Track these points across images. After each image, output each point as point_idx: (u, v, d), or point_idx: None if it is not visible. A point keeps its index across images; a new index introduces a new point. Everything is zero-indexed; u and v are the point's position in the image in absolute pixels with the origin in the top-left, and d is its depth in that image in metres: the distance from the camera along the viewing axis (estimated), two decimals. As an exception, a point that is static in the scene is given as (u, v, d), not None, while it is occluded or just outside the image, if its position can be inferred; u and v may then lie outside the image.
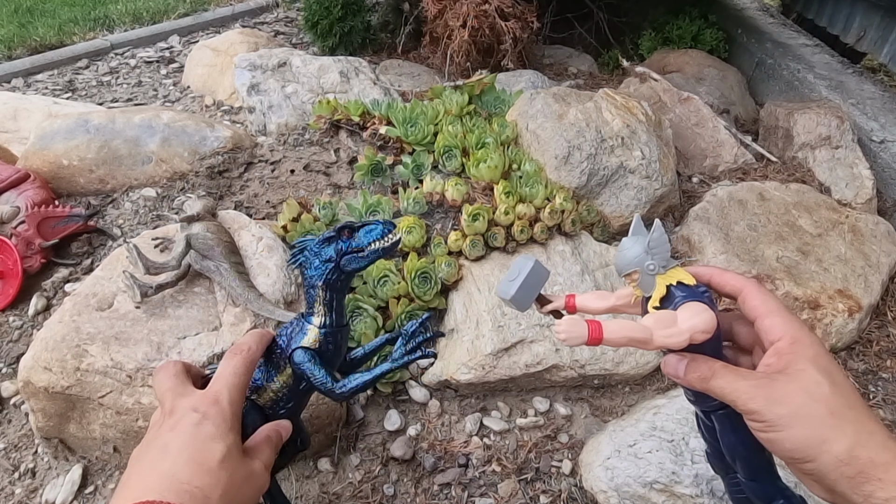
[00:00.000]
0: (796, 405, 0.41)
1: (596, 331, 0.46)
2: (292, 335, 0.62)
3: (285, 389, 0.63)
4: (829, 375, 0.43)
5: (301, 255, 0.62)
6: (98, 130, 1.38)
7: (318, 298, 0.62)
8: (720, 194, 1.44)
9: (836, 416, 0.41)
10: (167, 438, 0.48)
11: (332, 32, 2.11)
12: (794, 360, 0.44)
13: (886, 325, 1.28)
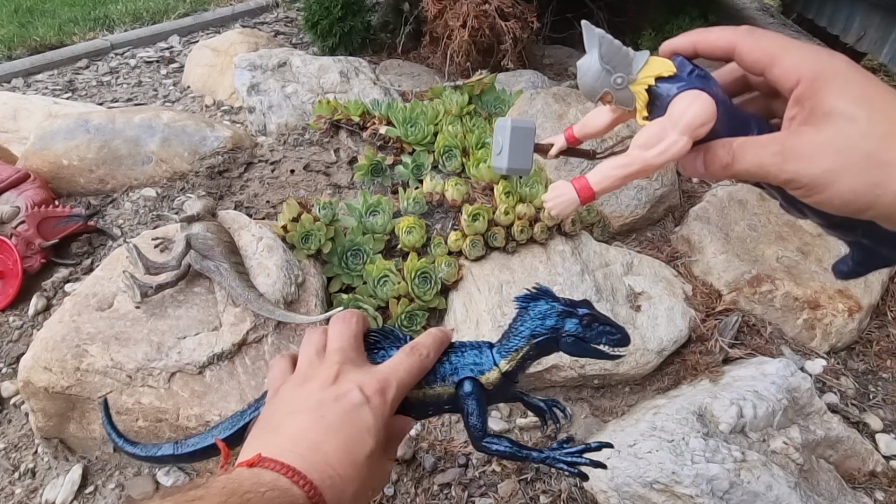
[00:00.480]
0: (831, 157, 0.34)
1: (584, 188, 0.41)
2: (470, 360, 0.61)
3: (436, 399, 0.61)
4: (863, 103, 0.34)
5: (535, 301, 0.61)
6: (98, 130, 1.38)
7: (519, 348, 0.60)
8: (720, 194, 1.44)
9: (881, 151, 0.33)
10: (328, 409, 0.45)
11: (332, 32, 2.11)
12: (817, 103, 0.35)
13: (886, 325, 1.28)
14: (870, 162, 0.33)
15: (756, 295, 1.22)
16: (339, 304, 1.07)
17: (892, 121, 0.33)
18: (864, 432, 1.08)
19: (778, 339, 1.20)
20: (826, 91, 0.35)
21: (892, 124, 0.33)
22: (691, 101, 0.38)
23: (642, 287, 1.18)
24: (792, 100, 0.37)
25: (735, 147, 0.38)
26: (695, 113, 0.37)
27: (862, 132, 0.33)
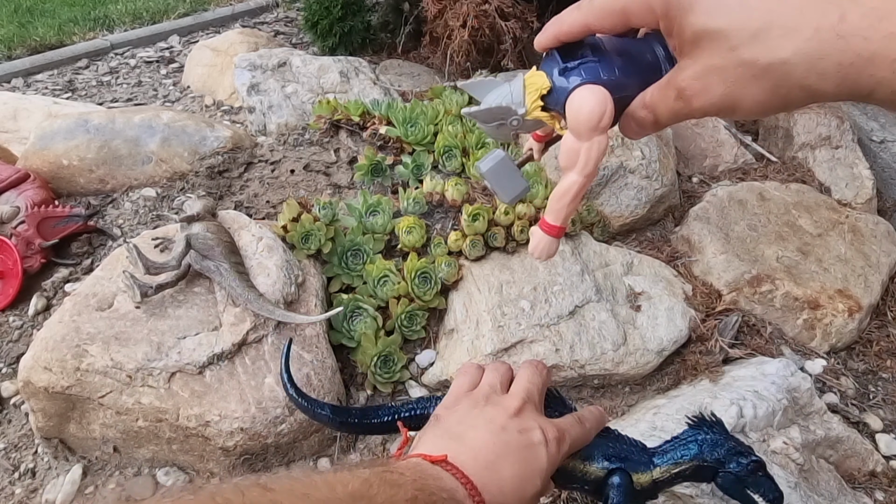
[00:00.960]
0: (719, 82, 0.32)
1: (550, 228, 0.42)
2: (629, 454, 0.64)
3: (583, 476, 0.63)
4: (720, 12, 0.31)
5: (708, 427, 0.64)
6: (98, 130, 1.38)
7: (679, 463, 0.63)
8: (720, 194, 1.44)
9: (758, 55, 0.30)
10: (512, 437, 0.46)
11: (332, 32, 2.11)
12: (681, 33, 0.33)
13: (886, 325, 1.28)
14: (754, 70, 0.31)
15: (756, 295, 1.22)
16: (339, 304, 1.07)
17: (756, 16, 0.30)
18: (864, 432, 1.08)
19: (778, 339, 1.20)
20: (682, 17, 0.32)
21: (757, 20, 0.30)
22: (578, 106, 0.37)
23: (642, 287, 1.18)
24: (664, 35, 0.35)
25: (648, 103, 0.37)
26: (587, 115, 0.37)
27: (731, 45, 0.31)
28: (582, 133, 0.37)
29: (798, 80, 0.30)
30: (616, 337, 1.08)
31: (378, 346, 1.04)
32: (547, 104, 0.40)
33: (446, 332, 1.12)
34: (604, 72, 0.38)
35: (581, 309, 1.11)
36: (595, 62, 0.38)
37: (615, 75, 0.38)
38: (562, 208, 0.40)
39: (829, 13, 0.28)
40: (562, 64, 0.39)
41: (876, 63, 0.28)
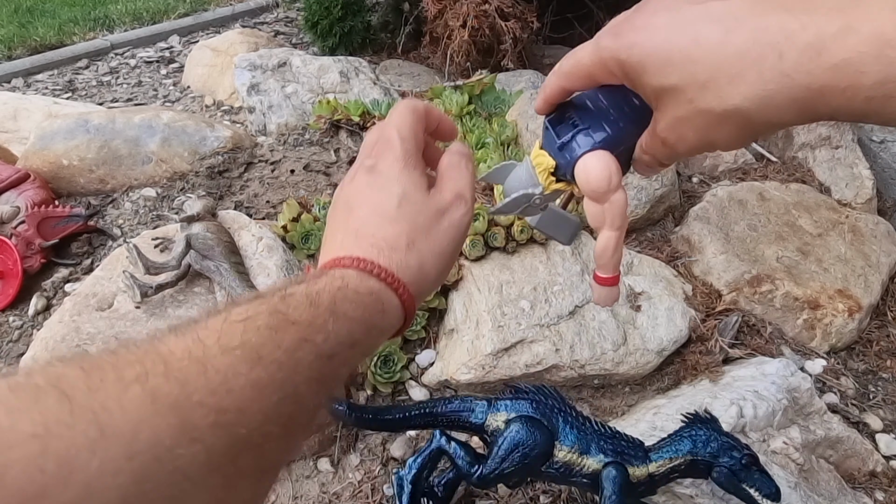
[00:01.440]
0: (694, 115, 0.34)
1: (606, 280, 0.43)
2: (624, 449, 0.67)
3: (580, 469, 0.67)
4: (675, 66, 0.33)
5: (702, 424, 0.67)
6: (98, 130, 1.38)
7: (674, 458, 0.67)
8: (720, 194, 1.44)
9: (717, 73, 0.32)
10: (347, 193, 0.42)
11: (332, 32, 2.11)
12: (643, 87, 0.35)
13: (886, 325, 1.28)
14: (714, 118, 0.33)
15: (756, 295, 1.22)
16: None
17: (701, 69, 0.32)
18: (864, 432, 1.08)
19: (778, 339, 1.20)
20: (638, 79, 0.35)
21: (703, 72, 0.32)
22: (585, 176, 0.39)
23: (642, 287, 1.18)
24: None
25: (645, 150, 0.39)
26: (596, 182, 0.38)
27: (688, 97, 0.33)
28: (598, 197, 0.39)
29: (758, 118, 0.32)
30: (616, 337, 1.08)
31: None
32: (558, 177, 0.42)
33: (446, 332, 1.12)
34: (596, 135, 0.39)
35: (581, 309, 1.11)
36: (586, 129, 0.40)
37: (609, 133, 0.39)
38: (608, 261, 0.42)
39: (767, 55, 0.30)
40: (557, 140, 0.41)
41: (827, 94, 0.29)
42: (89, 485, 0.20)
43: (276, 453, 0.28)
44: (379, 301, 0.35)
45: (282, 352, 0.28)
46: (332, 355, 0.31)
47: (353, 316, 0.33)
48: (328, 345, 0.30)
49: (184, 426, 0.23)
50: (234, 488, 0.26)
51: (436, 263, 0.39)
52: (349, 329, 0.32)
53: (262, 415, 0.26)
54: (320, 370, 0.30)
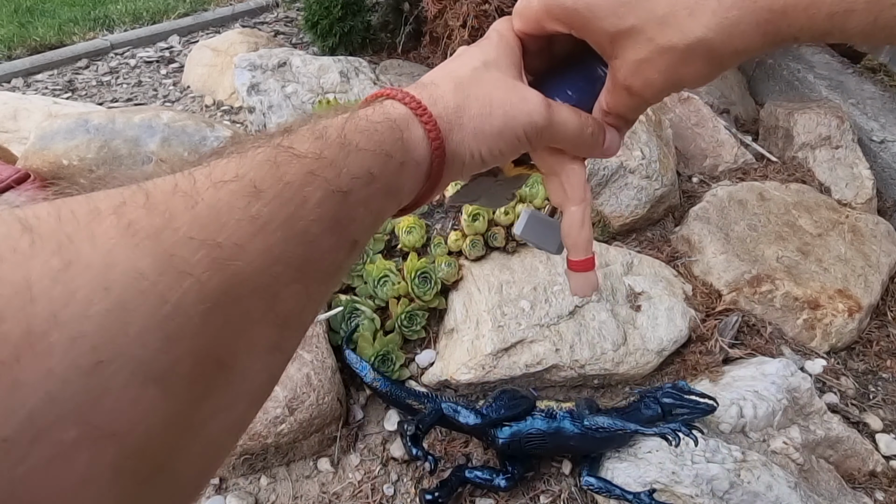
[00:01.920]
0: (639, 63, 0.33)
1: (581, 263, 0.41)
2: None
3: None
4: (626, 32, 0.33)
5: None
6: (98, 130, 1.38)
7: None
8: (720, 194, 1.44)
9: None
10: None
11: (332, 32, 2.11)
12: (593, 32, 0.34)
13: (886, 325, 1.28)
14: (678, 54, 0.32)
15: (756, 295, 1.22)
16: (339, 304, 1.07)
17: (659, 4, 0.31)
18: (864, 432, 1.08)
19: (778, 339, 1.20)
20: (592, 25, 0.33)
21: (661, 7, 0.31)
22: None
23: (642, 287, 1.18)
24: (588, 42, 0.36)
25: (607, 109, 0.37)
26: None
27: (647, 37, 0.32)
28: (554, 169, 0.39)
29: (723, 48, 0.31)
30: (616, 337, 1.08)
31: (376, 346, 1.04)
32: (518, 159, 0.40)
33: (446, 332, 1.12)
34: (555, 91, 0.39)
35: (581, 309, 1.11)
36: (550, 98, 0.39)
37: (571, 100, 0.38)
38: (577, 240, 0.40)
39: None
40: None
41: (790, 14, 0.29)
42: (56, 314, 0.17)
43: (294, 301, 0.25)
44: (396, 128, 0.31)
45: (283, 185, 0.24)
46: (346, 191, 0.27)
47: (364, 147, 0.29)
48: (341, 180, 0.27)
49: (169, 259, 0.20)
50: (246, 333, 0.22)
51: (480, 123, 0.33)
52: (362, 161, 0.28)
53: (265, 254, 0.23)
54: (334, 209, 0.26)
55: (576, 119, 0.37)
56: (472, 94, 0.34)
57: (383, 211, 0.31)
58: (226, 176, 0.23)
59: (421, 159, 0.32)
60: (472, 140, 0.33)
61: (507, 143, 0.34)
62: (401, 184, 0.31)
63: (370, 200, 0.29)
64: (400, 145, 0.30)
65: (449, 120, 0.33)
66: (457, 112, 0.33)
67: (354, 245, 0.29)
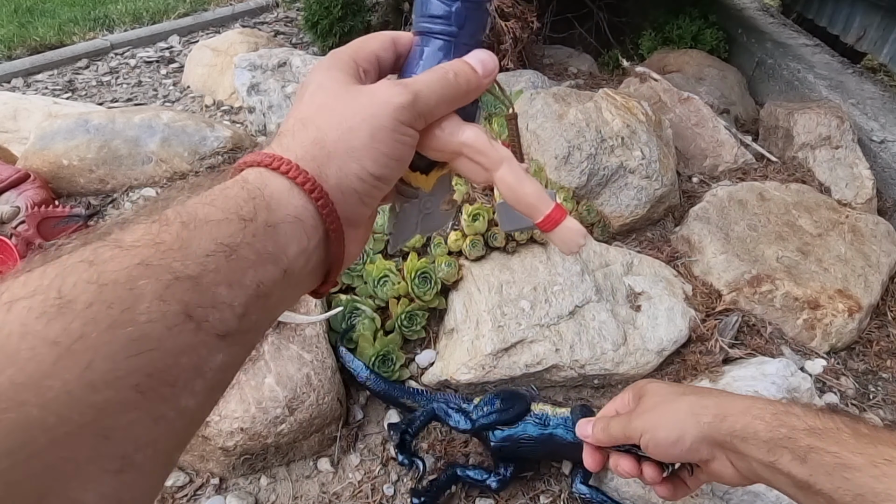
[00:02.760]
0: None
1: (550, 218, 0.36)
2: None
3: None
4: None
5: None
6: (98, 130, 1.38)
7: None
8: (720, 194, 1.44)
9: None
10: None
11: (332, 32, 2.11)
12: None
13: (886, 325, 1.28)
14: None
15: (756, 295, 1.22)
16: (339, 304, 1.07)
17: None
18: (864, 432, 1.08)
19: (778, 339, 1.20)
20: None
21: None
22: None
23: (642, 287, 1.18)
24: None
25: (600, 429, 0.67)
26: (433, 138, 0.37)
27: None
28: (449, 151, 0.36)
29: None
30: (616, 337, 1.08)
31: (376, 346, 1.04)
32: (421, 167, 0.38)
33: (446, 332, 1.12)
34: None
35: (581, 309, 1.11)
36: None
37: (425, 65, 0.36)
38: (524, 201, 0.36)
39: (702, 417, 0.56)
40: None
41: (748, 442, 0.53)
42: None
43: (138, 432, 0.20)
44: (249, 188, 0.27)
45: (100, 287, 0.20)
46: (196, 275, 0.23)
47: (213, 218, 0.25)
48: (187, 263, 0.23)
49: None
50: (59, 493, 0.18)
51: (346, 143, 0.30)
52: (212, 234, 0.25)
53: (76, 384, 0.18)
54: (181, 298, 0.22)
55: (435, 74, 0.34)
56: (322, 121, 0.31)
57: (265, 282, 0.26)
58: (20, 293, 0.19)
59: (299, 211, 0.28)
60: (350, 162, 0.30)
61: (387, 145, 0.31)
62: (277, 246, 0.27)
63: (235, 275, 0.25)
64: (257, 204, 0.27)
65: (314, 157, 0.30)
66: (316, 146, 0.30)
67: (226, 338, 0.24)
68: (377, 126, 0.31)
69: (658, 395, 0.60)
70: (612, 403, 0.68)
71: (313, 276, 0.31)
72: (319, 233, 0.29)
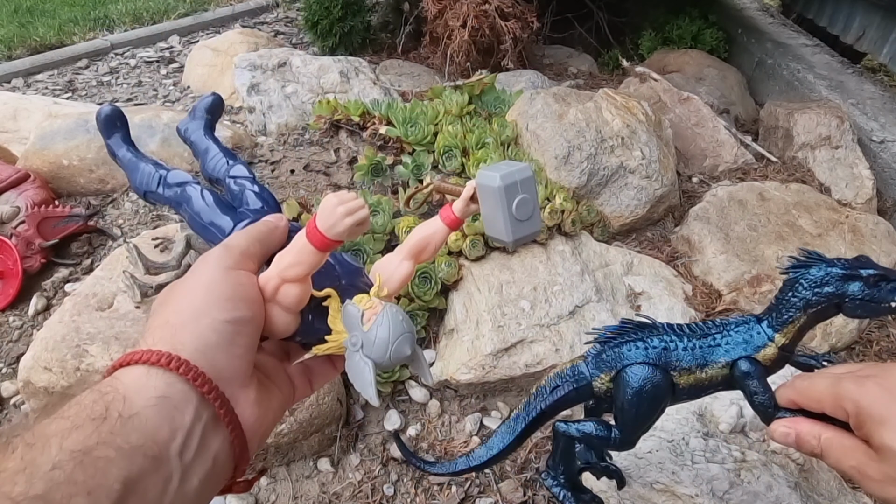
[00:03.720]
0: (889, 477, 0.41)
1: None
2: (740, 338, 0.58)
3: (710, 382, 0.60)
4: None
5: (806, 268, 0.55)
6: (98, 131, 1.38)
7: (795, 320, 0.56)
8: (720, 194, 1.44)
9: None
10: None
11: (332, 32, 2.11)
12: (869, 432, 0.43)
13: (886, 325, 1.28)
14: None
15: (756, 295, 1.22)
16: (339, 304, 1.07)
17: None
18: (864, 432, 1.08)
19: (778, 339, 1.20)
20: (874, 428, 0.40)
21: None
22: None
23: (642, 287, 1.18)
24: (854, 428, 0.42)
25: (847, 458, 0.43)
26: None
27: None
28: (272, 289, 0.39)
29: None
30: (616, 337, 1.08)
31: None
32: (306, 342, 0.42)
33: (446, 332, 1.12)
34: None
35: (581, 309, 1.11)
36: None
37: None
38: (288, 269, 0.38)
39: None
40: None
41: None
42: None
43: None
44: (102, 388, 0.27)
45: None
46: (43, 492, 0.22)
47: (64, 428, 0.25)
48: (34, 481, 0.22)
49: None
50: None
51: (191, 306, 0.33)
52: (64, 444, 0.24)
53: None
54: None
55: (244, 229, 0.42)
56: (169, 305, 0.34)
57: (134, 476, 0.25)
58: None
59: (162, 390, 0.28)
60: (201, 320, 0.32)
61: (225, 290, 0.34)
62: (143, 434, 0.26)
63: (95, 479, 0.24)
64: (110, 401, 0.26)
65: (163, 337, 0.31)
66: (166, 326, 0.32)
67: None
68: (211, 279, 0.34)
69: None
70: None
71: (219, 460, 0.30)
72: (194, 403, 0.29)
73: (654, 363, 0.61)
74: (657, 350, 0.61)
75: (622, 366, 0.62)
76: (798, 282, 0.55)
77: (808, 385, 0.46)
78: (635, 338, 0.62)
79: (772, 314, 0.57)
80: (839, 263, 0.54)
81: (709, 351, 0.59)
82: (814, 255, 0.55)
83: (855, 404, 0.41)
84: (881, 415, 0.39)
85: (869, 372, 0.42)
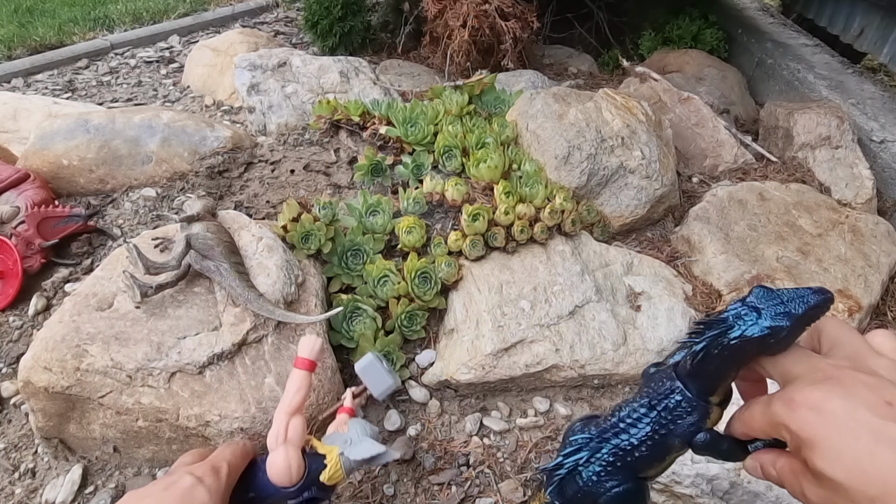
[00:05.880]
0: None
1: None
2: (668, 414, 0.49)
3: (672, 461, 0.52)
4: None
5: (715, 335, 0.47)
6: (98, 130, 1.38)
7: (725, 376, 0.48)
8: (720, 194, 1.44)
9: None
10: (160, 497, 0.52)
11: (332, 32, 2.11)
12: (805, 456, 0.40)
13: (886, 325, 1.28)
14: None
15: (756, 295, 1.22)
16: (339, 304, 1.07)
17: (872, 482, 0.34)
18: (864, 432, 1.08)
19: (778, 339, 1.20)
20: (805, 451, 0.38)
21: (874, 487, 0.34)
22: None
23: (642, 287, 1.18)
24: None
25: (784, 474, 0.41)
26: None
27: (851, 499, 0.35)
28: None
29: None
30: (616, 337, 1.08)
31: (376, 346, 1.04)
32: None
33: (446, 332, 1.12)
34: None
35: (581, 309, 1.11)
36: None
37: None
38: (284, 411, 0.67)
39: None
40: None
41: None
42: None
43: None
44: None
45: None
46: None
47: None
48: None
49: None
50: None
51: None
52: None
53: None
54: None
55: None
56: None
57: None
58: None
59: None
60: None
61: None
62: None
63: None
64: None
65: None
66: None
67: None
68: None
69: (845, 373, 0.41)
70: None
71: None
72: None
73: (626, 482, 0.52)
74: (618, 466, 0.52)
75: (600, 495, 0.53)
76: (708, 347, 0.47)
77: (747, 415, 0.44)
78: (588, 457, 0.53)
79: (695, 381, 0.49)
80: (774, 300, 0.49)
81: (661, 444, 0.51)
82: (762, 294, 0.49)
83: (787, 430, 0.39)
84: (810, 439, 0.37)
85: (797, 386, 0.41)
